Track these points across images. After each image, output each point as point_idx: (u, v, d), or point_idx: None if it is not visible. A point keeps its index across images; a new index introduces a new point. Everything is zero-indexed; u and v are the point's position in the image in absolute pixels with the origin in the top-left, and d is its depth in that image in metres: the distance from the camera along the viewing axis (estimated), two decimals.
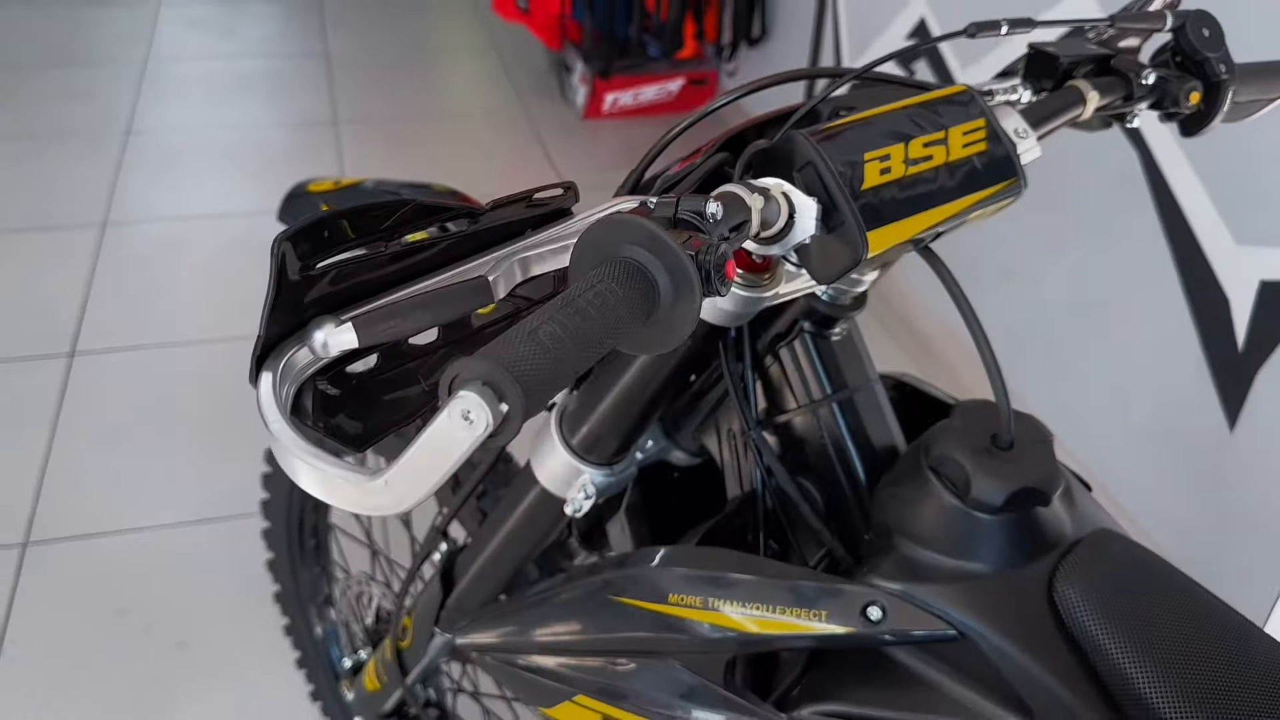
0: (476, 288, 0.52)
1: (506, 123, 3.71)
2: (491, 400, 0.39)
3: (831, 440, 0.78)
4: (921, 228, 0.67)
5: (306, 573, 1.53)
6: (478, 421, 0.39)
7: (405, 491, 0.42)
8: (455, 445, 0.40)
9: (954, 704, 0.69)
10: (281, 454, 0.45)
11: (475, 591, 1.01)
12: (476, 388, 0.39)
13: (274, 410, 0.45)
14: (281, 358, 0.48)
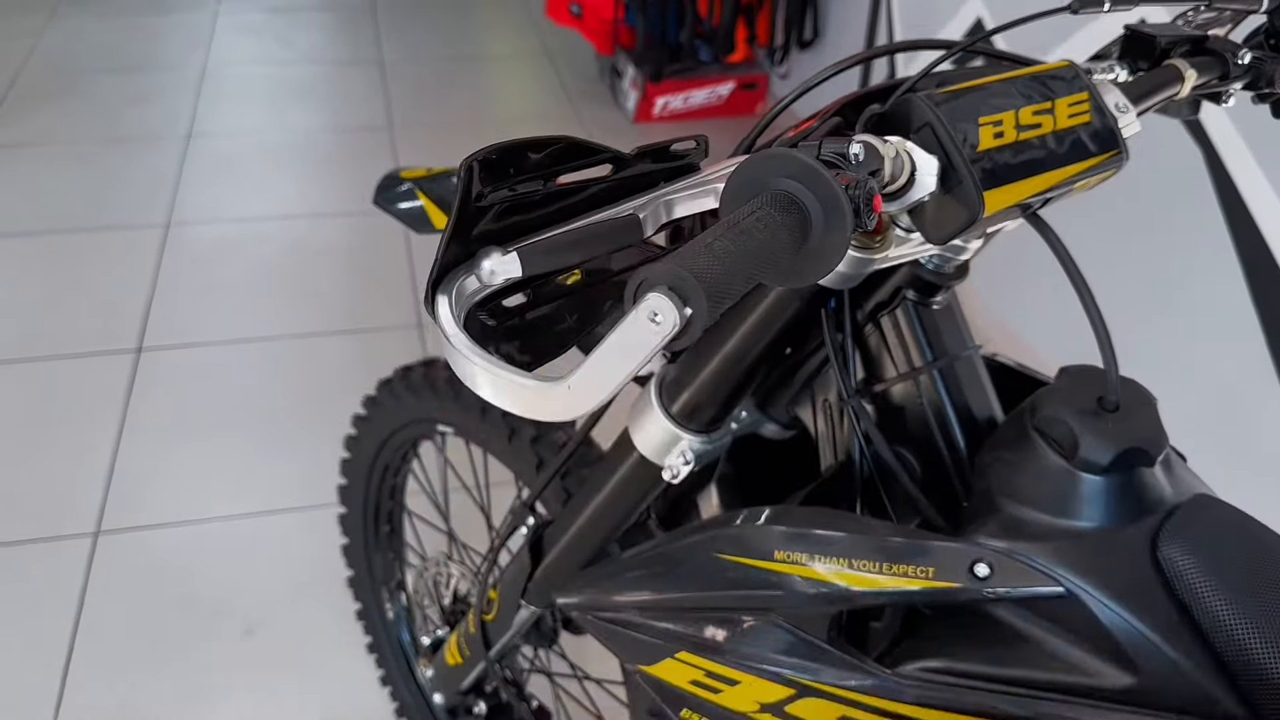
0: (628, 224, 0.55)
1: (558, 126, 3.75)
2: (678, 303, 0.41)
3: (931, 408, 0.80)
4: (1033, 191, 0.69)
5: (380, 557, 1.56)
6: (665, 322, 0.41)
7: (588, 393, 0.45)
8: (641, 345, 0.42)
9: (1059, 660, 0.70)
10: (461, 364, 0.47)
11: (564, 564, 1.03)
12: (664, 290, 0.41)
13: (453, 325, 0.48)
14: (454, 282, 0.51)
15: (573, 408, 0.45)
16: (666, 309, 0.41)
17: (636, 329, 0.42)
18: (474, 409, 1.24)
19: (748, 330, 0.78)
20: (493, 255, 0.50)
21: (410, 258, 2.88)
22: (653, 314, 0.42)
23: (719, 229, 0.45)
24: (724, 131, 3.68)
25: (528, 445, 1.18)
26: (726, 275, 0.43)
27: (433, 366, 1.32)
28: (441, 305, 0.49)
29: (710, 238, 0.44)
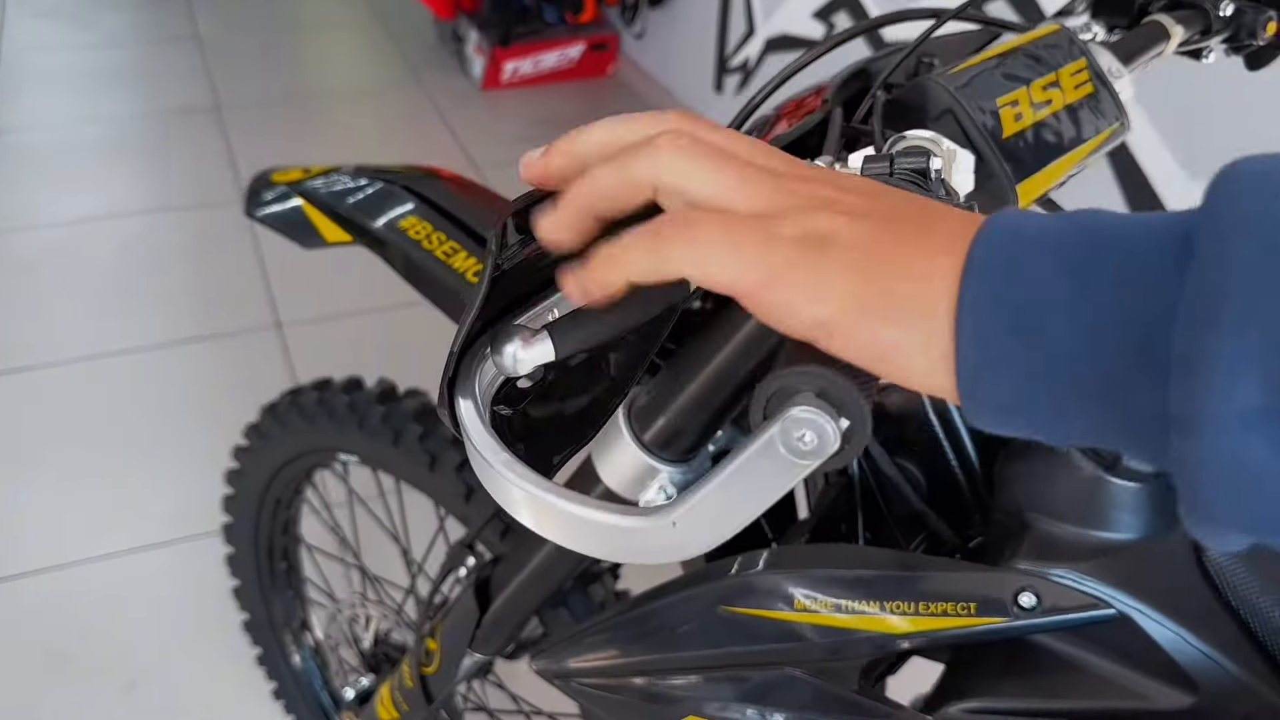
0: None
1: (401, 98, 3.55)
2: (832, 415, 0.32)
3: (938, 415, 0.73)
4: (1058, 177, 0.62)
5: (279, 598, 1.42)
6: (820, 443, 0.32)
7: (700, 533, 0.35)
8: (786, 475, 0.33)
9: (1112, 686, 0.64)
10: (512, 494, 0.37)
11: (516, 607, 0.93)
12: (811, 401, 0.32)
13: (493, 445, 0.37)
14: (472, 378, 0.39)
15: (677, 550, 0.35)
16: (820, 425, 0.32)
17: (775, 454, 0.33)
18: (383, 435, 1.11)
19: (735, 348, 0.69)
20: (516, 336, 0.39)
21: (259, 251, 2.66)
22: (799, 435, 0.32)
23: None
24: (578, 96, 3.56)
25: (453, 473, 1.06)
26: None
27: (326, 389, 1.18)
28: (467, 412, 0.38)
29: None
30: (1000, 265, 0.32)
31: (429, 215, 0.95)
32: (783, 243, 0.34)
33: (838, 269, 0.33)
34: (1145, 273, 0.30)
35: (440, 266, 0.91)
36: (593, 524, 0.35)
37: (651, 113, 0.40)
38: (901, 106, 0.57)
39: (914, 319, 0.33)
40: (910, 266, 0.34)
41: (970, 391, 0.32)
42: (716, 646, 0.70)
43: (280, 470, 1.28)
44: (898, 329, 0.33)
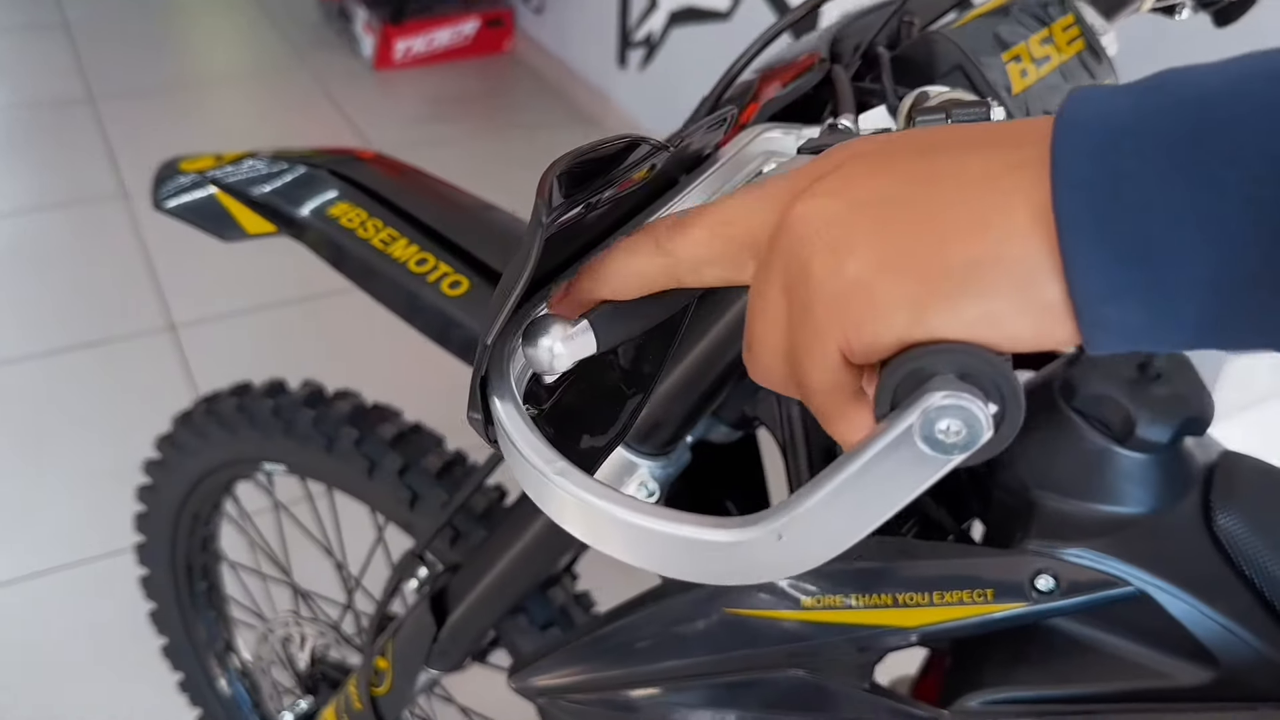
0: None
1: (288, 81, 3.39)
2: (980, 398, 0.27)
3: None
4: None
5: (200, 620, 1.32)
6: (970, 434, 0.27)
7: (812, 547, 0.30)
8: (924, 472, 0.28)
9: (1130, 666, 0.62)
10: (572, 511, 0.31)
11: (476, 619, 0.87)
12: (954, 385, 0.27)
13: (545, 452, 0.31)
14: (506, 374, 0.34)
15: (780, 567, 0.30)
16: (968, 411, 0.27)
17: (912, 449, 0.28)
18: (315, 441, 1.03)
19: (720, 333, 0.64)
20: (554, 328, 0.33)
21: (145, 248, 2.51)
22: (942, 425, 0.27)
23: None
24: (475, 74, 3.46)
25: (394, 478, 0.99)
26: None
27: (246, 394, 1.09)
28: (508, 415, 0.32)
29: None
30: (1098, 178, 0.28)
31: (360, 200, 0.88)
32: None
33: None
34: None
35: (377, 256, 0.84)
36: (679, 540, 0.30)
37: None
38: (906, 63, 0.53)
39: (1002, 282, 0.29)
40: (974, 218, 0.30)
41: (1098, 332, 0.29)
42: (719, 651, 0.65)
43: (198, 484, 1.19)
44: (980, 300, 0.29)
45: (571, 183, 0.35)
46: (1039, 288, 0.29)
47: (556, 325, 0.34)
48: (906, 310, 0.30)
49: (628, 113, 3.00)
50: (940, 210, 0.31)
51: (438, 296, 0.81)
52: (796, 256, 0.32)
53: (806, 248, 0.32)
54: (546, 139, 3.12)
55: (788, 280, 0.33)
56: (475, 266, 0.84)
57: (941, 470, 0.28)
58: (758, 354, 0.35)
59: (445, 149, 3.02)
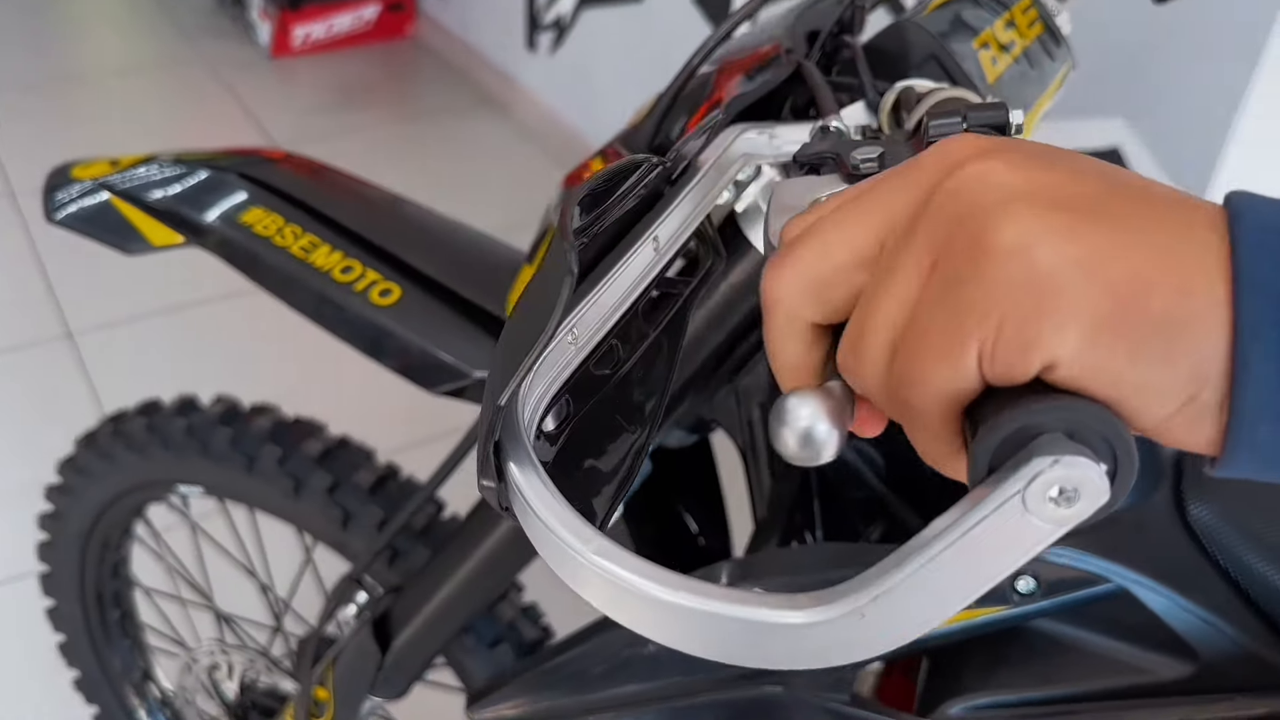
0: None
1: (183, 72, 3.24)
2: (1092, 459, 0.24)
3: None
4: (1032, 125, 0.57)
5: (114, 650, 1.25)
6: (1083, 499, 0.24)
7: (899, 625, 0.26)
8: (1027, 543, 0.25)
9: (1111, 663, 0.61)
10: (617, 596, 0.27)
11: (423, 644, 0.82)
12: (1065, 447, 0.24)
13: (577, 524, 0.28)
14: (520, 436, 0.29)
15: (860, 648, 0.27)
16: (1082, 476, 0.24)
17: (1018, 517, 0.25)
18: (234, 461, 0.97)
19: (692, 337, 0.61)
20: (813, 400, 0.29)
21: (35, 250, 2.38)
22: (1052, 492, 0.24)
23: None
24: (377, 60, 3.35)
25: (323, 497, 0.94)
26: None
27: (156, 413, 1.02)
28: (528, 483, 0.28)
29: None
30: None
31: (274, 205, 0.82)
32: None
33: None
34: None
35: (299, 266, 0.78)
36: (747, 625, 0.26)
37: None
38: (879, 54, 0.50)
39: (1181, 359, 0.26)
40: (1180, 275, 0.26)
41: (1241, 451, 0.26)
42: (690, 672, 0.62)
43: (106, 509, 1.11)
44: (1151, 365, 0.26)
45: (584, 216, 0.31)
46: (1204, 382, 0.26)
47: (813, 400, 0.29)
48: (1086, 330, 0.26)
49: (538, 97, 2.93)
50: (1148, 243, 0.26)
51: (367, 307, 0.76)
52: (964, 222, 0.27)
53: (982, 215, 0.27)
54: (454, 125, 3.04)
55: (938, 248, 0.28)
56: (404, 271, 0.79)
57: (1049, 540, 0.25)
58: (862, 348, 0.29)
59: (349, 138, 2.92)
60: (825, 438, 0.29)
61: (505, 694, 0.66)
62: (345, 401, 1.51)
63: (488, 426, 0.29)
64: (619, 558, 0.27)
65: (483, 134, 3.01)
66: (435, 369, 0.76)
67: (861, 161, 0.36)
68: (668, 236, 0.38)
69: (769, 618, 0.26)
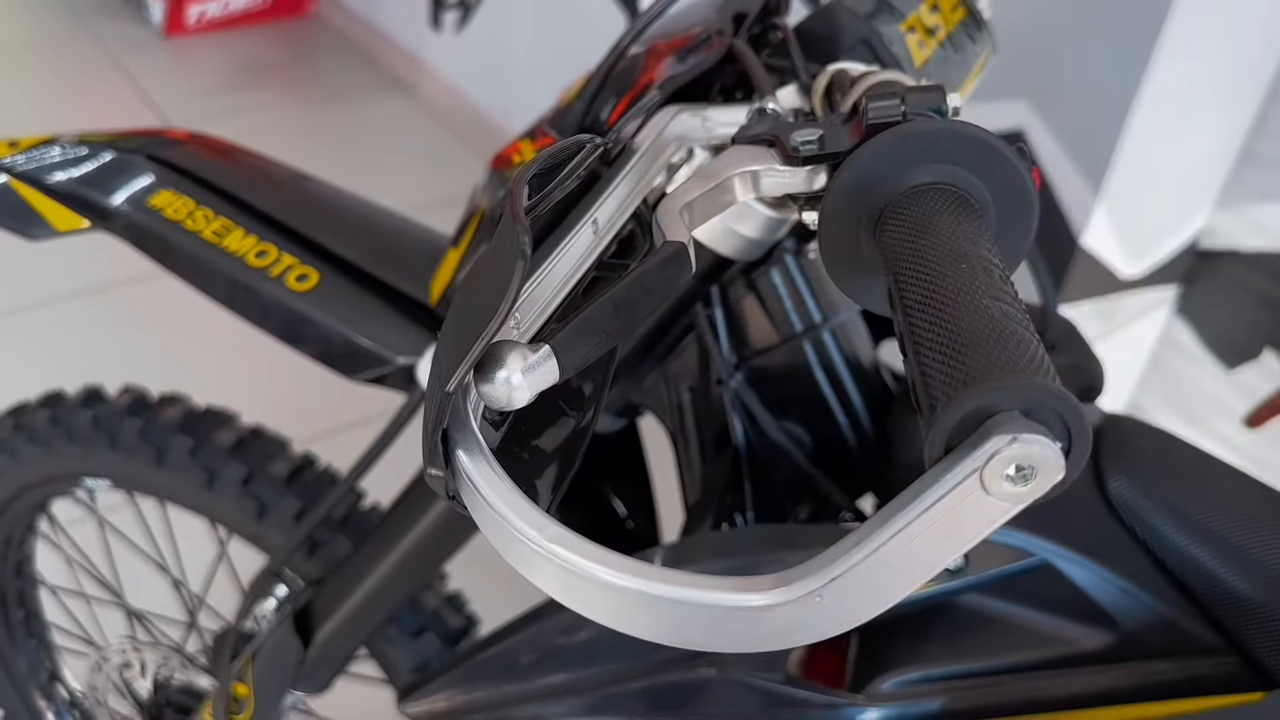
0: (676, 260, 0.35)
1: (72, 51, 3.10)
2: (1048, 436, 0.24)
3: (825, 372, 0.67)
4: None
5: (19, 651, 1.20)
6: (1040, 476, 0.24)
7: (857, 605, 0.26)
8: (984, 521, 0.25)
9: (1034, 635, 0.63)
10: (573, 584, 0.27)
11: (346, 636, 0.81)
12: (1020, 425, 0.24)
13: (530, 511, 0.27)
14: (467, 422, 0.29)
15: (818, 630, 0.27)
16: (1039, 454, 0.24)
17: (975, 495, 0.25)
18: (143, 453, 0.94)
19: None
20: (510, 358, 0.29)
21: None
22: (1007, 469, 0.24)
23: (960, 274, 0.28)
24: (277, 39, 3.26)
25: (237, 488, 0.91)
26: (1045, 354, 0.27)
27: (59, 405, 0.98)
28: (478, 470, 0.28)
29: (984, 299, 0.27)
30: None
31: (185, 188, 0.79)
32: None
33: None
34: None
35: (211, 250, 0.75)
36: (706, 609, 0.26)
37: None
38: (809, 36, 0.50)
39: None
40: None
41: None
42: (623, 658, 0.62)
43: (8, 505, 1.07)
44: None
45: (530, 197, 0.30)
46: None
47: (513, 354, 0.29)
48: None
49: (445, 77, 2.89)
50: None
51: (284, 292, 0.74)
52: None
53: None
54: (358, 106, 2.98)
55: None
56: (322, 255, 0.77)
57: (1005, 518, 0.26)
58: None
59: (248, 119, 2.83)
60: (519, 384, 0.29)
61: (437, 686, 0.65)
62: (258, 390, 1.47)
63: (435, 414, 0.28)
64: (574, 544, 0.27)
65: (389, 115, 2.95)
66: (356, 356, 0.75)
67: (801, 144, 0.36)
68: (606, 219, 0.38)
69: (728, 601, 0.26)
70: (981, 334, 0.27)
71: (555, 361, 0.30)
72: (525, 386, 0.29)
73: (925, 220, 0.31)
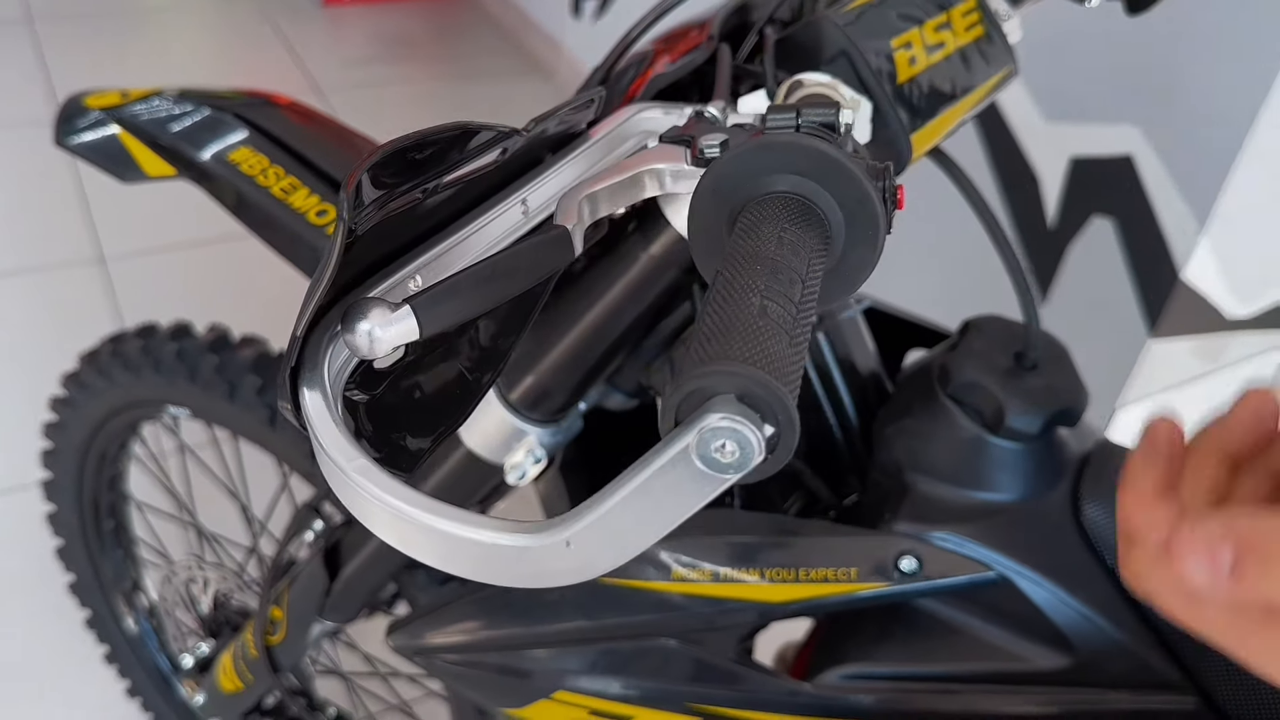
0: (556, 242, 0.39)
1: (235, 12, 3.30)
2: (755, 422, 0.27)
3: (817, 371, 0.69)
4: (951, 124, 0.59)
5: (107, 558, 1.31)
6: (742, 455, 0.28)
7: (599, 555, 0.30)
8: (701, 490, 0.28)
9: (989, 648, 0.64)
10: (371, 509, 0.31)
11: (369, 573, 0.87)
12: (732, 408, 0.27)
13: (346, 447, 0.31)
14: (320, 364, 0.33)
15: (573, 572, 0.30)
16: (742, 434, 0.27)
17: (690, 467, 0.28)
18: (217, 388, 1.02)
19: (613, 303, 0.64)
20: (372, 312, 0.33)
21: (78, 176, 2.45)
22: (717, 445, 0.27)
23: (754, 275, 0.31)
24: (427, 15, 3.39)
25: (294, 428, 0.98)
26: (795, 354, 0.30)
27: (151, 337, 1.07)
28: (313, 406, 0.32)
29: (754, 295, 0.30)
30: None
31: (264, 147, 0.86)
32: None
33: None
34: None
35: (276, 205, 0.82)
36: (471, 544, 0.30)
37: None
38: (792, 46, 0.53)
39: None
40: None
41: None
42: (589, 618, 0.66)
43: (104, 424, 1.17)
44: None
45: (396, 172, 0.34)
46: None
47: (376, 310, 0.33)
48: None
49: (580, 63, 2.96)
50: None
51: None
52: None
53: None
54: (495, 86, 3.08)
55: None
56: None
57: (718, 489, 0.29)
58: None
59: (389, 90, 2.96)
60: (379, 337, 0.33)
61: (419, 625, 0.70)
62: None
63: (286, 355, 0.32)
64: (377, 478, 0.31)
65: (526, 96, 3.04)
66: None
67: (706, 147, 0.39)
68: (540, 201, 0.42)
69: (490, 539, 0.30)
70: (732, 327, 0.30)
71: (415, 320, 0.34)
72: (385, 340, 0.33)
73: (757, 224, 0.34)
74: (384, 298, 0.34)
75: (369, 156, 0.32)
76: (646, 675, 0.65)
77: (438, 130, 0.35)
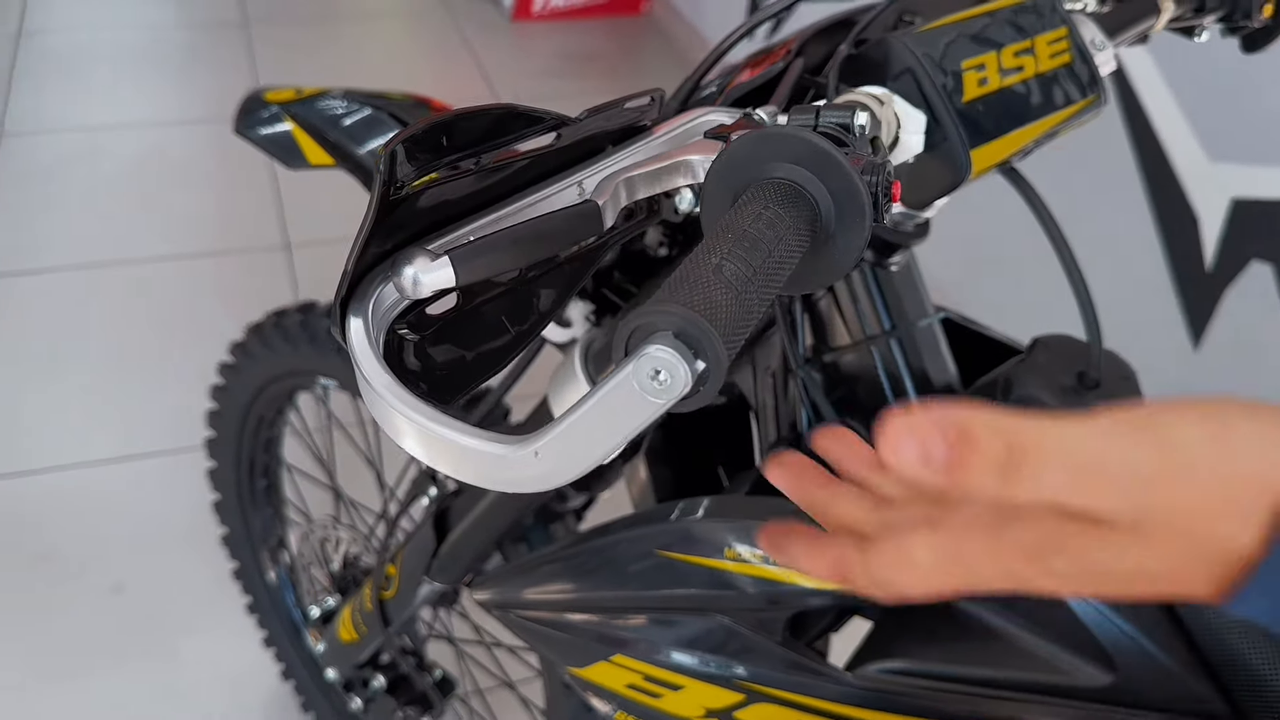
0: (585, 215, 0.44)
1: (429, 23, 3.52)
2: (687, 356, 0.32)
3: (889, 378, 0.72)
4: (1018, 146, 0.61)
5: (258, 515, 1.44)
6: (673, 382, 0.32)
7: (561, 465, 0.35)
8: (640, 411, 0.33)
9: (1030, 658, 0.65)
10: (386, 412, 0.37)
11: (472, 539, 0.94)
12: (668, 341, 0.32)
13: (375, 364, 0.37)
14: (368, 298, 0.40)
15: (543, 479, 0.36)
16: (673, 365, 0.32)
17: (631, 390, 0.33)
18: None
19: None
20: (417, 259, 0.39)
21: (273, 170, 2.67)
22: (653, 371, 0.32)
23: (722, 242, 0.36)
24: (608, 33, 3.52)
25: None
26: (742, 310, 0.34)
27: (310, 313, 1.19)
28: (355, 330, 0.38)
29: (715, 256, 0.35)
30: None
31: None
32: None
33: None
34: None
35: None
36: (459, 448, 0.35)
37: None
38: (863, 62, 0.57)
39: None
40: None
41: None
42: (650, 588, 0.70)
43: (263, 389, 1.29)
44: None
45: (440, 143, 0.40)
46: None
47: (420, 257, 0.39)
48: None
49: None
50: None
51: None
52: None
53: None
54: None
55: None
56: None
57: (655, 412, 0.33)
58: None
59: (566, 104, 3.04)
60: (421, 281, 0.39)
61: (499, 580, 0.76)
62: None
63: (338, 287, 0.39)
64: (394, 389, 0.36)
65: None
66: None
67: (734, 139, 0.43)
68: (594, 185, 0.47)
69: (474, 445, 0.35)
70: (687, 279, 0.34)
71: (451, 269, 0.40)
72: (425, 284, 0.39)
73: (747, 202, 0.38)
74: (431, 249, 0.40)
75: (405, 132, 0.39)
76: (700, 648, 0.69)
77: (482, 108, 0.41)
